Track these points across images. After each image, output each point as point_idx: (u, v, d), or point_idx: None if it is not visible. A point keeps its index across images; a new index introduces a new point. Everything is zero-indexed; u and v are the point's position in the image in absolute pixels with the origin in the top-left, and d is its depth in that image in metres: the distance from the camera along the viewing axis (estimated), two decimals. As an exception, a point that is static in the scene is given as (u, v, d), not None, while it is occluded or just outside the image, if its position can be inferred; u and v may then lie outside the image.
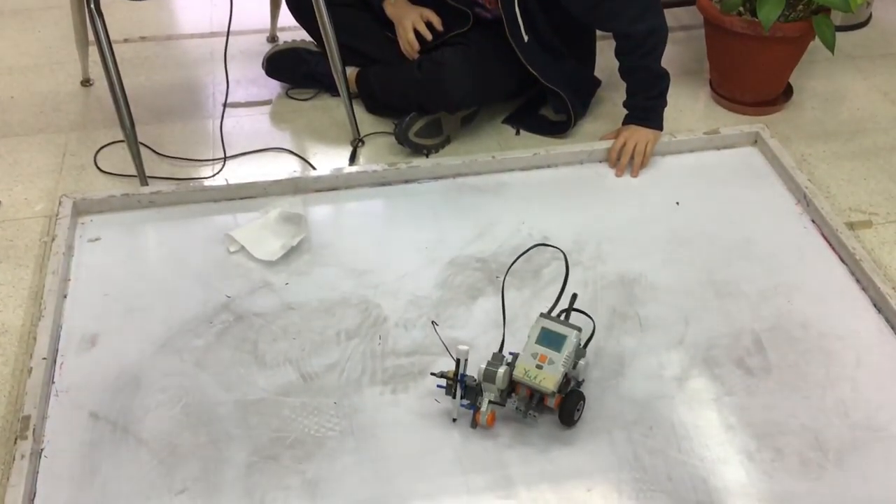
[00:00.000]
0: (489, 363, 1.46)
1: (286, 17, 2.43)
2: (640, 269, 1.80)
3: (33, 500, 1.39)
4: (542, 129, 2.23)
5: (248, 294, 1.75)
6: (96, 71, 2.41)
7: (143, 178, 2.00)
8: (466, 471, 1.43)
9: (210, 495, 1.39)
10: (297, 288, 1.77)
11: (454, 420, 1.51)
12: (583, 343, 1.55)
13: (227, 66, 2.26)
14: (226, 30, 2.18)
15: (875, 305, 1.72)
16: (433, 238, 1.89)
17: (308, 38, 2.38)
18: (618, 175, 2.06)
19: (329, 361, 1.62)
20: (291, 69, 2.36)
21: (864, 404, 1.54)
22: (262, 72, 2.39)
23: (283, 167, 2.13)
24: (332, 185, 2.02)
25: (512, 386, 1.47)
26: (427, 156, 2.13)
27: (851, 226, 1.92)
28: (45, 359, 1.58)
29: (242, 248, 1.84)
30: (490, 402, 1.46)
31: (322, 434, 1.49)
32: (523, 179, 2.06)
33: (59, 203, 1.92)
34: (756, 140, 2.15)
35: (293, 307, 1.73)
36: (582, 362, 1.52)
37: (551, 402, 1.46)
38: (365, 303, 1.73)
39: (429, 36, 2.12)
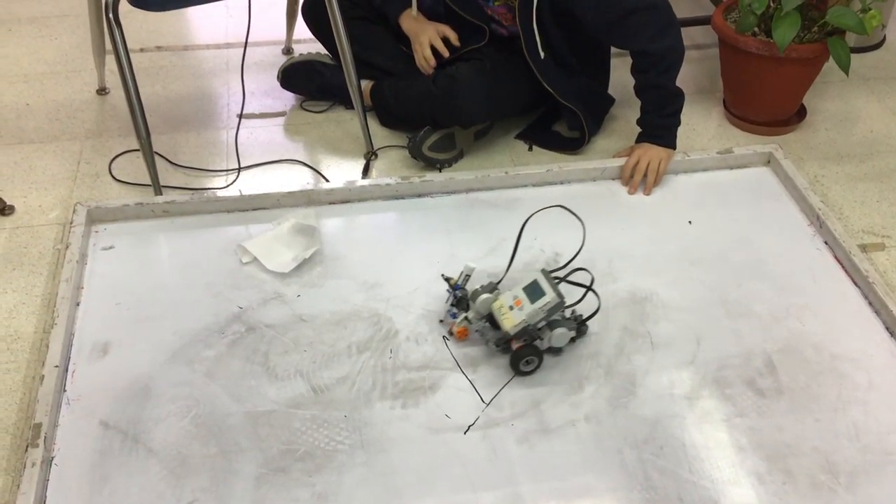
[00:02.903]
0: (482, 286, 1.64)
1: (301, 29, 2.45)
2: (652, 288, 1.80)
3: (43, 508, 1.40)
4: (556, 145, 2.24)
5: (259, 305, 1.75)
6: (112, 80, 2.43)
7: (158, 188, 2.01)
8: (476, 487, 1.43)
9: (219, 507, 1.40)
10: (308, 300, 1.77)
11: (440, 321, 1.71)
12: (578, 316, 1.65)
13: (241, 78, 2.27)
14: (241, 41, 2.20)
15: (887, 328, 1.72)
16: (445, 252, 1.89)
17: (323, 50, 2.39)
18: (630, 193, 2.06)
19: (340, 374, 1.62)
20: (306, 81, 2.37)
21: (875, 427, 1.53)
22: (277, 83, 2.40)
23: (297, 179, 2.14)
24: (345, 198, 2.03)
25: (491, 316, 1.62)
26: (440, 170, 2.14)
27: (864, 248, 1.91)
28: (56, 367, 1.58)
29: (255, 259, 1.85)
30: (466, 318, 1.64)
31: (332, 447, 1.49)
32: (536, 195, 2.06)
33: (74, 211, 1.93)
34: (769, 160, 2.15)
35: (305, 319, 1.73)
36: (563, 331, 1.60)
37: (515, 346, 1.59)
38: (376, 316, 1.74)
39: (446, 52, 2.13)
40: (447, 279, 1.71)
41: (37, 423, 1.48)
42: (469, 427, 1.53)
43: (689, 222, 1.97)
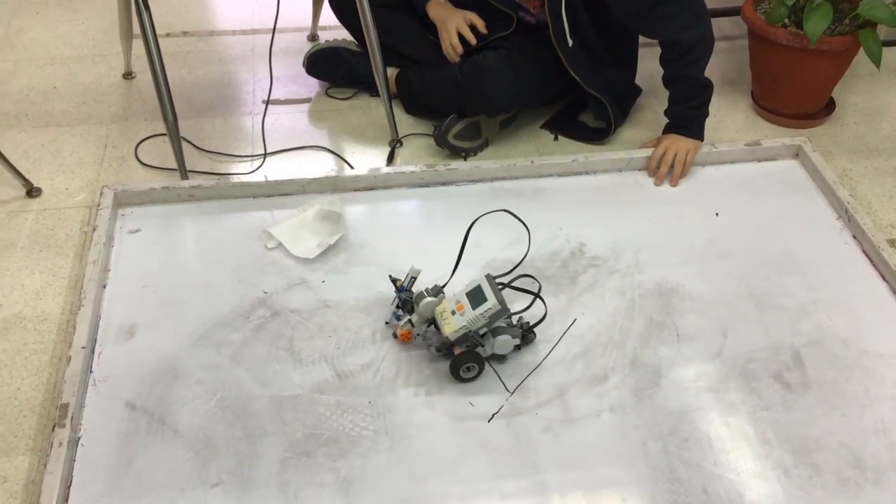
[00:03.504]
0: (427, 289, 1.61)
1: (327, 16, 2.44)
2: (678, 279, 1.79)
3: (69, 487, 1.40)
4: (581, 135, 2.23)
5: (284, 290, 1.76)
6: (138, 64, 2.44)
7: (184, 172, 2.02)
8: (500, 475, 1.43)
9: (244, 489, 1.40)
10: (333, 286, 1.77)
11: (386, 323, 1.68)
12: (525, 324, 1.62)
13: (269, 64, 2.27)
14: (267, 27, 2.20)
15: (916, 324, 1.70)
16: (470, 241, 1.87)
17: (349, 37, 2.39)
18: (657, 184, 2.05)
19: (364, 361, 1.62)
20: (332, 68, 2.37)
21: (903, 424, 1.52)
22: (302, 70, 2.40)
23: (321, 165, 2.14)
24: (370, 185, 2.02)
25: (434, 320, 1.58)
26: (465, 158, 2.13)
27: (893, 243, 1.90)
28: (83, 348, 1.59)
29: (280, 244, 1.85)
30: (409, 321, 1.60)
31: (356, 433, 1.49)
32: (561, 185, 2.05)
33: (101, 194, 1.93)
34: (798, 153, 2.13)
35: (329, 305, 1.73)
36: (507, 338, 1.56)
37: (457, 352, 1.55)
38: (401, 303, 1.74)
39: (473, 40, 2.12)
40: (394, 280, 1.67)
41: (63, 404, 1.49)
42: (493, 415, 1.52)
43: (717, 214, 1.96)
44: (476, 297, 1.53)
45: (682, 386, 1.58)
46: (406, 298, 1.63)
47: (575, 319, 1.70)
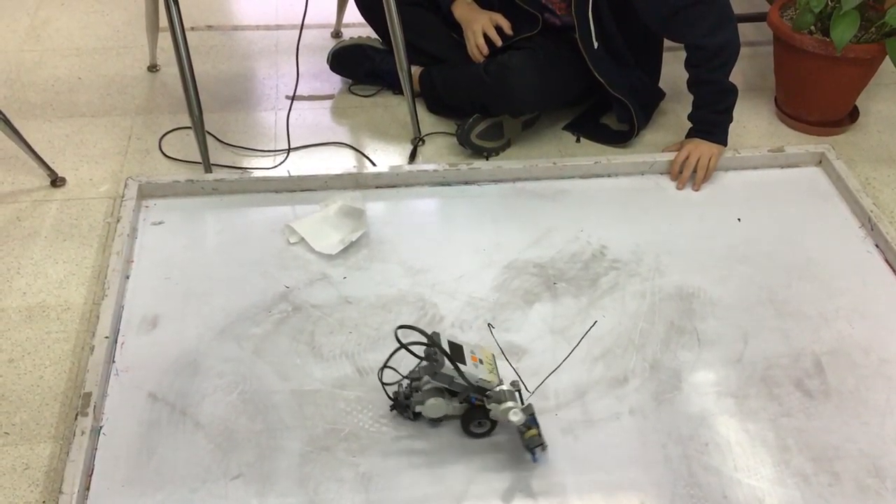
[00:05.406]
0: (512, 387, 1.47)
1: (351, 13, 2.45)
2: (699, 284, 1.79)
3: (91, 475, 1.41)
4: (604, 138, 2.22)
5: (306, 286, 1.76)
6: (162, 57, 2.45)
7: (208, 166, 2.02)
8: (520, 475, 1.43)
9: (264, 482, 1.41)
10: (354, 282, 1.78)
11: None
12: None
13: (295, 60, 2.27)
14: (291, 23, 2.20)
15: (939, 335, 1.70)
16: (491, 241, 1.89)
17: (373, 34, 2.39)
18: (679, 188, 2.04)
19: (385, 357, 1.62)
20: (356, 65, 2.37)
21: (924, 434, 1.52)
22: (326, 66, 2.41)
23: (343, 162, 2.14)
24: (393, 183, 2.03)
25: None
26: (487, 158, 2.13)
27: (916, 252, 1.89)
28: (106, 338, 1.60)
29: (302, 239, 1.85)
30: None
31: (376, 429, 1.50)
32: (583, 187, 2.05)
33: (125, 185, 1.94)
34: (821, 160, 2.13)
35: (350, 301, 1.73)
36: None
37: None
38: (422, 301, 1.74)
39: (499, 41, 2.12)
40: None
41: (86, 393, 1.50)
42: (513, 415, 1.53)
43: (738, 220, 1.96)
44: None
45: (702, 390, 1.58)
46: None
47: (595, 321, 1.70)
